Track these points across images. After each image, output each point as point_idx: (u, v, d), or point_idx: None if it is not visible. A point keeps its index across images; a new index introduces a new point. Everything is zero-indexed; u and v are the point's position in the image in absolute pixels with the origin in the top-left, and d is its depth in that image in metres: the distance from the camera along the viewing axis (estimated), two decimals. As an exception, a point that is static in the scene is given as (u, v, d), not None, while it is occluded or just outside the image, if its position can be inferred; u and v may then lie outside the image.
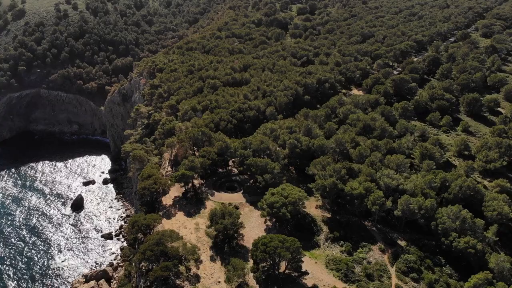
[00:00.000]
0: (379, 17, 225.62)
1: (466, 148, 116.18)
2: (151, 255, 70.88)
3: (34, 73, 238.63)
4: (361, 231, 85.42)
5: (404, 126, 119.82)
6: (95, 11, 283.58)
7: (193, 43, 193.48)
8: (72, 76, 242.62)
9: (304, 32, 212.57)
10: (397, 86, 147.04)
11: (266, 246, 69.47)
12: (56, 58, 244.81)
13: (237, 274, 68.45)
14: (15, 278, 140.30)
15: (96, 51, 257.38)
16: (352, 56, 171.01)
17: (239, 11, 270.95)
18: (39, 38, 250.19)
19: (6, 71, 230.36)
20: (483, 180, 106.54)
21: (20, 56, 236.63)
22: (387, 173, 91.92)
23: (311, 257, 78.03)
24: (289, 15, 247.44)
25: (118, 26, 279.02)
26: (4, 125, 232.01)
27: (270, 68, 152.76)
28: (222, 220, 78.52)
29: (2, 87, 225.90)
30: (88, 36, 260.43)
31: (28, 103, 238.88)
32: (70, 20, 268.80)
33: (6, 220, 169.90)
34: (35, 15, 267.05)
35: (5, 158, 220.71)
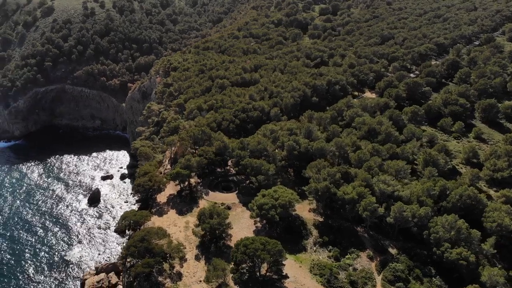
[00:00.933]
0: (402, 18, 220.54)
1: (474, 156, 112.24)
2: (135, 251, 72.12)
3: (59, 69, 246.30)
4: (352, 237, 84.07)
5: (411, 131, 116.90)
6: (121, 10, 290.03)
7: (210, 42, 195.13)
8: (96, 73, 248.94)
9: (323, 33, 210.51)
10: (410, 89, 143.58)
11: (246, 247, 69.49)
12: (81, 55, 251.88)
13: (216, 274, 68.76)
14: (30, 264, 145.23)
15: (120, 48, 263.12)
16: (368, 58, 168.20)
17: (261, 11, 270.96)
18: (66, 35, 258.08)
19: (33, 66, 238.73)
20: (489, 190, 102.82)
21: (47, 52, 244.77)
22: (383, 179, 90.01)
23: (296, 261, 77.49)
24: (310, 15, 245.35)
25: (143, 24, 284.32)
26: (30, 119, 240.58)
27: (281, 69, 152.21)
28: (209, 220, 79.03)
29: (29, 81, 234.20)
30: (113, 34, 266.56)
31: (53, 98, 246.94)
32: (96, 18, 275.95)
33: (26, 209, 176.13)
34: (63, 13, 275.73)
35: (30, 150, 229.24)
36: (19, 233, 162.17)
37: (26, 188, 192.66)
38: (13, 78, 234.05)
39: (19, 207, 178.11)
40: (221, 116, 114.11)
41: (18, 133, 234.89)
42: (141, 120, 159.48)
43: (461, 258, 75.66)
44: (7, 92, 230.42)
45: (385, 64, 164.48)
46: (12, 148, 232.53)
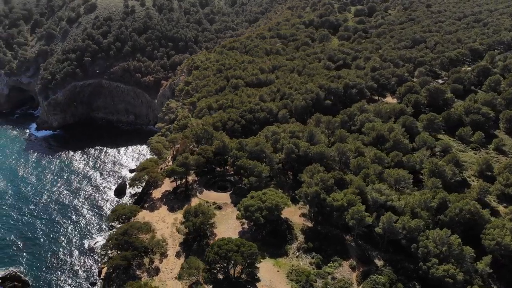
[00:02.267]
0: (438, 22, 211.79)
1: (488, 168, 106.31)
2: (115, 244, 74.21)
3: (98, 64, 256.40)
4: (338, 245, 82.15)
5: (423, 140, 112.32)
6: (161, 8, 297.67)
7: (236, 42, 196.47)
8: (132, 69, 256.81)
9: (353, 35, 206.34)
10: (431, 96, 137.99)
11: (219, 248, 69.75)
12: (119, 51, 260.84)
13: (189, 272, 69.50)
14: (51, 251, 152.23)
15: (156, 46, 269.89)
16: (393, 61, 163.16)
17: (296, 11, 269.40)
18: (106, 31, 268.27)
19: (73, 60, 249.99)
20: (498, 205, 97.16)
21: (86, 47, 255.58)
22: (378, 188, 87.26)
23: (275, 265, 76.86)
24: (343, 16, 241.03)
25: (180, 23, 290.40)
26: (68, 111, 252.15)
27: (300, 70, 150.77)
28: (193, 218, 79.95)
29: (68, 75, 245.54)
30: (151, 32, 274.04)
31: (90, 92, 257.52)
32: (136, 16, 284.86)
33: (56, 196, 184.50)
34: (105, 10, 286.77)
35: (66, 141, 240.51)
36: (50, 215, 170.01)
37: (59, 175, 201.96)
38: (53, 71, 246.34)
39: (50, 192, 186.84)
40: (227, 116, 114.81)
41: (56, 124, 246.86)
42: (160, 117, 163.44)
43: (448, 275, 72.04)
44: (47, 85, 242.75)
45: (410, 68, 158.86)
46: (50, 138, 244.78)
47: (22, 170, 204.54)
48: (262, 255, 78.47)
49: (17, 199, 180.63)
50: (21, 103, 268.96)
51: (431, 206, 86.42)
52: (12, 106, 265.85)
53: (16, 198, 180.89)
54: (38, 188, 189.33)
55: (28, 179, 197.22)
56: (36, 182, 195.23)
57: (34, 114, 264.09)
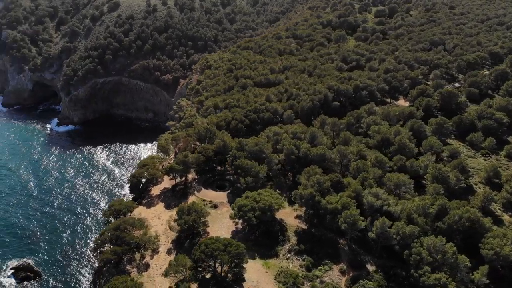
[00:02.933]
0: (460, 24, 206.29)
1: (496, 176, 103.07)
2: (108, 238, 75.60)
3: (118, 62, 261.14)
4: (330, 248, 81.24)
5: (430, 144, 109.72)
6: (182, 7, 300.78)
7: (251, 42, 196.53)
8: (152, 67, 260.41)
9: (371, 36, 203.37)
10: (444, 99, 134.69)
11: (206, 247, 70.09)
12: (139, 50, 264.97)
13: (175, 269, 70.13)
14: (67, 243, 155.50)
15: (176, 45, 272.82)
16: (408, 64, 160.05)
17: (316, 11, 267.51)
18: (127, 30, 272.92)
19: (94, 58, 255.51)
20: (503, 214, 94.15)
21: (108, 45, 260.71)
22: (375, 192, 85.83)
23: (264, 266, 76.69)
24: (363, 17, 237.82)
25: (200, 22, 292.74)
26: (89, 107, 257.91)
27: (310, 71, 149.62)
28: (185, 216, 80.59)
29: (89, 72, 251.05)
30: (171, 30, 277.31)
31: (110, 89, 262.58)
32: (157, 15, 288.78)
33: (74, 189, 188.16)
34: (127, 8, 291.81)
35: (86, 136, 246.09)
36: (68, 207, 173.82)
37: (78, 169, 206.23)
38: (75, 68, 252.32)
39: (69, 185, 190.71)
40: (231, 116, 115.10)
41: (76, 120, 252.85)
42: (171, 115, 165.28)
43: (439, 284, 70.26)
44: (69, 81, 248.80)
45: (424, 71, 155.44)
46: (71, 133, 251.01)
47: (43, 163, 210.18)
48: (252, 255, 78.77)
49: (37, 190, 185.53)
50: (45, 98, 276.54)
51: (430, 212, 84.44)
52: (36, 101, 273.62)
53: (36, 190, 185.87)
54: (58, 181, 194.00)
55: (49, 172, 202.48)
56: (56, 175, 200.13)
57: (57, 110, 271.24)
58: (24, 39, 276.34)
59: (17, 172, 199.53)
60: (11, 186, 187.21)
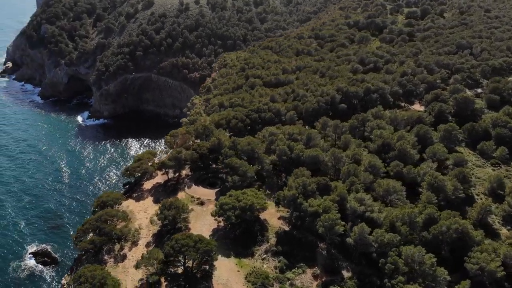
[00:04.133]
0: (492, 28, 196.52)
1: (500, 187, 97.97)
2: (89, 228, 78.36)
3: (148, 59, 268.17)
4: (308, 251, 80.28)
5: (433, 151, 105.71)
6: (214, 6, 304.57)
7: (272, 42, 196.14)
8: (180, 65, 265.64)
9: (396, 37, 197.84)
10: (459, 105, 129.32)
11: (176, 242, 71.20)
12: (169, 47, 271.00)
13: (146, 262, 71.70)
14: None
15: (206, 44, 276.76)
16: (428, 67, 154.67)
17: (346, 12, 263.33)
18: (159, 28, 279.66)
19: (126, 54, 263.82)
20: (501, 228, 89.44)
21: (139, 42, 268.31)
22: (360, 197, 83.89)
23: (237, 265, 76.95)
24: (392, 18, 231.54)
25: (231, 21, 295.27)
26: (119, 102, 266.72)
27: (323, 72, 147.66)
28: (166, 211, 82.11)
29: (120, 68, 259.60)
30: (201, 29, 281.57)
31: (140, 85, 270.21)
32: (189, 13, 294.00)
33: (100, 179, 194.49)
34: (160, 7, 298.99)
35: (115, 130, 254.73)
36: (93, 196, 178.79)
37: (105, 160, 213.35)
38: (107, 63, 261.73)
39: (96, 175, 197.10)
40: (233, 114, 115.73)
41: (106, 114, 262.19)
42: (184, 111, 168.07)
43: (411, 295, 68.03)
44: (100, 76, 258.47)
45: (444, 75, 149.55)
46: (101, 126, 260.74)
47: (73, 153, 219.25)
48: (227, 253, 79.36)
49: (64, 178, 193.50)
50: (79, 91, 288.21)
51: (416, 221, 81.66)
52: (70, 94, 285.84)
53: (63, 178, 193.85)
54: (85, 171, 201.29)
55: (79, 161, 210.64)
56: (86, 164, 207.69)
57: (89, 103, 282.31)
58: (62, 34, 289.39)
59: (50, 160, 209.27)
60: (45, 173, 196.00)
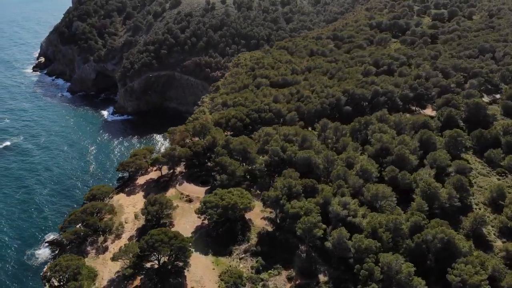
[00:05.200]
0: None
1: (501, 197, 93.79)
2: (74, 219, 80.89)
3: (173, 57, 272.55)
4: (287, 253, 79.64)
5: (433, 157, 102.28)
6: (240, 6, 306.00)
7: (289, 42, 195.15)
8: (203, 64, 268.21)
9: (418, 39, 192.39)
10: (470, 111, 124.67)
11: (151, 237, 72.35)
12: (193, 46, 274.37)
13: (122, 255, 73.29)
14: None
15: (229, 43, 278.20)
16: (444, 70, 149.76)
17: (371, 12, 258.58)
18: (184, 27, 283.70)
19: (151, 52, 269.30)
20: (496, 240, 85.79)
21: (164, 41, 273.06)
22: (344, 201, 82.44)
23: (214, 263, 77.43)
24: (416, 20, 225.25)
25: (256, 21, 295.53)
26: (143, 99, 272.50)
27: (333, 73, 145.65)
28: (150, 207, 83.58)
29: (145, 65, 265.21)
30: (226, 28, 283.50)
31: (164, 83, 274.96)
32: (215, 12, 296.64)
33: None
34: (187, 6, 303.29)
35: (138, 126, 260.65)
36: None
37: (129, 155, 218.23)
38: (133, 60, 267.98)
39: None
40: (233, 113, 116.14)
41: (130, 110, 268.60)
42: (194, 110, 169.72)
43: (383, 303, 66.37)
44: (126, 73, 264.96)
45: (460, 79, 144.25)
46: (124, 121, 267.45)
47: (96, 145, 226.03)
48: (206, 251, 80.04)
49: (90, 170, 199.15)
50: (106, 87, 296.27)
51: (401, 228, 79.47)
52: (98, 89, 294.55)
53: (88, 169, 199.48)
54: (109, 164, 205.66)
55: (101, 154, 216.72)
56: (108, 157, 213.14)
57: (115, 99, 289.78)
58: (92, 31, 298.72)
59: (76, 151, 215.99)
60: (71, 163, 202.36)
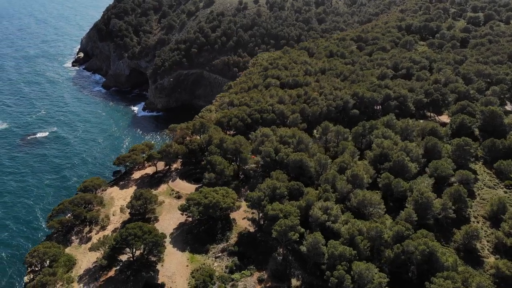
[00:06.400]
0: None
1: (502, 211, 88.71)
2: (61, 209, 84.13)
3: (202, 56, 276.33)
4: (263, 255, 79.04)
5: (435, 166, 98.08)
6: (272, 6, 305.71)
7: (312, 43, 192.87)
8: (231, 63, 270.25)
9: (447, 43, 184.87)
10: (485, 119, 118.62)
11: (126, 230, 74.02)
12: (223, 45, 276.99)
13: (99, 246, 75.50)
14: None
15: (259, 43, 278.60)
16: (466, 76, 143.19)
17: (405, 14, 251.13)
18: (216, 26, 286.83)
19: (182, 50, 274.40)
20: (489, 255, 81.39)
21: (195, 39, 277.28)
22: (325, 205, 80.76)
23: (189, 260, 78.10)
24: (448, 23, 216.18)
25: (287, 21, 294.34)
26: (172, 96, 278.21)
27: (346, 75, 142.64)
28: (134, 201, 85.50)
29: (175, 63, 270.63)
30: (256, 28, 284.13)
31: (193, 81, 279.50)
32: (247, 12, 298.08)
33: None
34: (220, 5, 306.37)
35: (166, 122, 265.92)
36: None
37: None
38: (164, 58, 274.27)
39: None
40: (235, 113, 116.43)
41: (160, 106, 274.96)
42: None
43: (348, 313, 64.56)
44: (157, 70, 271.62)
45: (482, 86, 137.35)
46: (154, 117, 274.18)
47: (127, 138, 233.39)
48: (183, 248, 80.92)
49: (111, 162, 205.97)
50: (138, 84, 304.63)
51: (382, 237, 76.97)
52: (131, 86, 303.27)
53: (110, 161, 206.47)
54: None
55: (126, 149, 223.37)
56: None
57: (146, 95, 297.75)
58: (128, 29, 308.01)
59: (107, 143, 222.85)
60: (103, 154, 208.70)
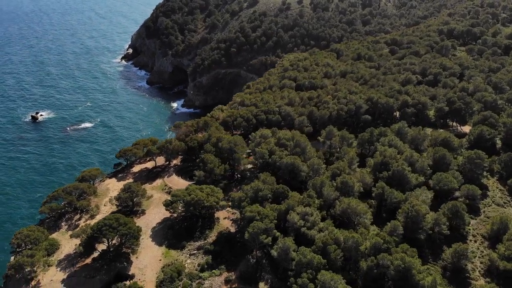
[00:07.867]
0: None
1: (503, 231, 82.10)
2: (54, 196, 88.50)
3: (241, 56, 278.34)
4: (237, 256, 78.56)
5: (438, 179, 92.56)
6: (316, 7, 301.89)
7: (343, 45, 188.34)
8: (269, 63, 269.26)
9: (487, 49, 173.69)
10: (508, 131, 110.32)
11: (103, 220, 76.48)
12: (262, 45, 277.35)
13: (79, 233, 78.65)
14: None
15: (298, 43, 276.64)
16: (498, 85, 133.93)
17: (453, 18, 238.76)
18: (256, 26, 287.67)
19: (221, 50, 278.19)
20: (479, 278, 75.69)
21: (235, 39, 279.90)
22: (304, 211, 78.80)
23: (163, 254, 79.36)
24: (496, 28, 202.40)
25: (330, 22, 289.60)
26: (210, 94, 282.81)
27: (366, 79, 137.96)
28: (122, 193, 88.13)
29: (214, 62, 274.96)
30: (297, 29, 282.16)
31: (230, 80, 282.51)
32: (289, 13, 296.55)
33: None
34: (263, 5, 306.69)
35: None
36: None
37: None
38: (204, 57, 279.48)
39: None
40: (241, 113, 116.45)
41: (198, 104, 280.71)
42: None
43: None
44: (196, 69, 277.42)
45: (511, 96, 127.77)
46: (191, 114, 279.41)
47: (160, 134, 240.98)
48: (161, 242, 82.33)
49: None
50: (180, 81, 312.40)
51: (359, 248, 73.99)
52: (173, 83, 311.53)
53: None
54: None
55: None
56: None
57: (186, 93, 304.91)
58: (174, 27, 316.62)
59: (141, 135, 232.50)
60: None
